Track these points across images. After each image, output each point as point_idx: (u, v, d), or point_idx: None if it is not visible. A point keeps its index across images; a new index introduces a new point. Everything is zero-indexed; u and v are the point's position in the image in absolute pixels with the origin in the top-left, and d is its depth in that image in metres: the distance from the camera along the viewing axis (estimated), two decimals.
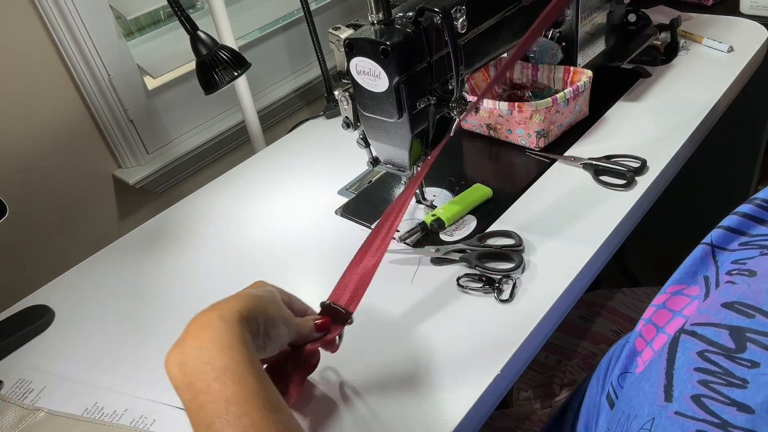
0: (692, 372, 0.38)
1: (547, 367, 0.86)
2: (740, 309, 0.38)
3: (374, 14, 0.61)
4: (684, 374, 0.39)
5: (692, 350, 0.39)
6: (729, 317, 0.39)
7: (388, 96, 0.63)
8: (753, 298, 0.38)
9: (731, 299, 0.40)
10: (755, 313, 0.37)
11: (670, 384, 0.39)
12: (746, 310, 0.38)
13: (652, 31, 1.02)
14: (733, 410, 0.34)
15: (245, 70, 0.90)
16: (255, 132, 1.15)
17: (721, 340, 0.38)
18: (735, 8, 1.16)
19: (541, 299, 0.64)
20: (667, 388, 0.39)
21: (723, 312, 0.39)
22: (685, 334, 0.41)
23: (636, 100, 0.94)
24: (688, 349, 0.40)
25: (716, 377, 0.36)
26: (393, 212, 0.59)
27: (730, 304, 0.39)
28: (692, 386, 0.37)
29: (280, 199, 0.91)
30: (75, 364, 0.69)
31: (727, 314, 0.39)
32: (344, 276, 0.59)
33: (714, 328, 0.39)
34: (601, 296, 0.93)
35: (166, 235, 0.88)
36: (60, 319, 0.77)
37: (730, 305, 0.39)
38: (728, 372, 0.36)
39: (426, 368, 0.59)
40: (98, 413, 0.62)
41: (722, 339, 0.38)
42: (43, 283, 0.83)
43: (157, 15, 1.15)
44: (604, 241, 0.70)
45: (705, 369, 0.38)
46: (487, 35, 0.72)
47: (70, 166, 1.03)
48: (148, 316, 0.74)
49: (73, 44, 0.96)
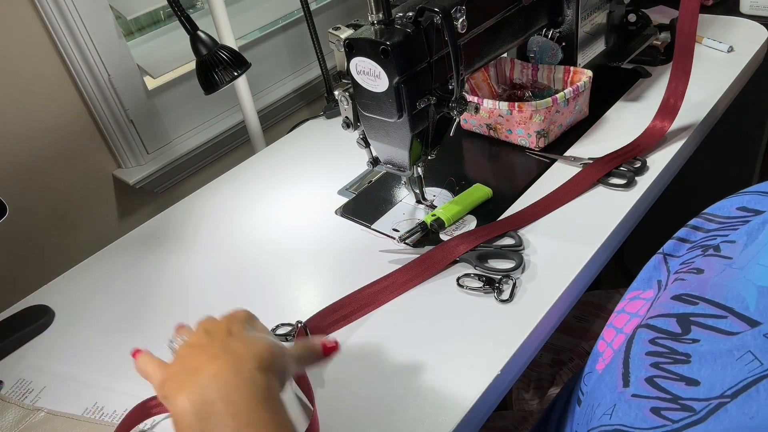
0: (644, 356, 0.41)
1: (546, 367, 0.86)
2: (686, 299, 0.42)
3: (374, 14, 0.61)
4: (638, 360, 0.42)
5: (645, 339, 0.42)
6: (677, 307, 0.42)
7: (388, 96, 0.63)
8: (698, 290, 0.42)
9: (679, 292, 0.43)
10: (698, 301, 0.41)
11: (627, 372, 0.42)
12: (691, 300, 0.42)
13: (652, 31, 1.02)
14: (682, 385, 0.37)
15: (245, 70, 0.90)
16: (255, 132, 1.15)
17: (669, 327, 0.41)
18: (735, 8, 1.16)
19: (541, 299, 0.64)
20: (625, 375, 0.42)
21: (672, 303, 0.43)
22: (640, 327, 0.44)
23: (636, 100, 0.94)
24: (642, 339, 0.43)
25: (664, 357, 0.40)
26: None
27: (679, 296, 0.43)
28: (646, 369, 0.40)
29: (280, 199, 0.91)
30: (75, 364, 0.69)
31: (675, 305, 0.42)
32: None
33: (664, 318, 0.42)
34: (600, 297, 0.93)
35: (166, 235, 0.88)
36: (60, 319, 0.77)
37: (678, 297, 0.43)
38: (673, 350, 0.39)
39: (426, 368, 0.59)
40: (98, 413, 0.62)
41: (671, 326, 0.41)
42: (43, 283, 0.83)
43: (157, 15, 1.15)
44: (604, 241, 0.70)
45: (654, 352, 0.41)
46: (487, 35, 0.72)
47: (70, 166, 1.03)
48: (148, 316, 0.74)
49: (73, 44, 0.96)
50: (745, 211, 0.49)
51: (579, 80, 0.88)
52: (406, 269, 0.70)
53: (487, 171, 0.88)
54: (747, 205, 0.49)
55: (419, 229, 0.75)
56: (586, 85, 0.87)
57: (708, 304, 0.40)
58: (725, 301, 0.39)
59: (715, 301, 0.39)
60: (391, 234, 0.77)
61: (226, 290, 0.76)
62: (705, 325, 0.39)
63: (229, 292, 0.75)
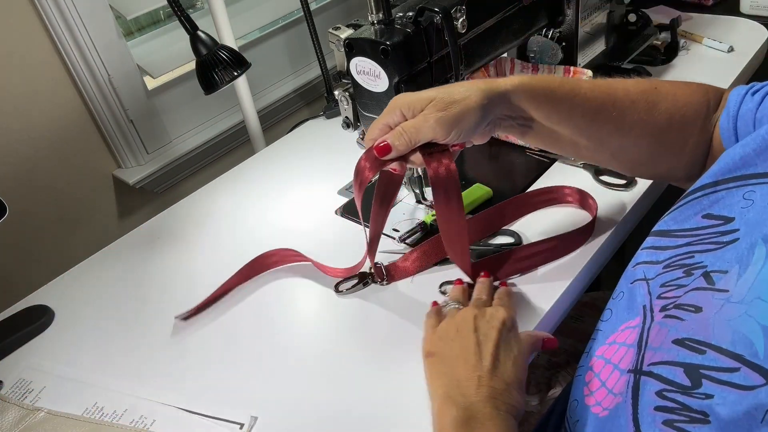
0: (654, 412, 0.39)
1: (543, 369, 0.86)
2: (691, 345, 0.40)
3: (374, 14, 0.61)
4: (647, 417, 0.40)
5: (652, 390, 0.40)
6: (681, 354, 0.40)
7: (388, 96, 0.63)
8: (701, 333, 0.40)
9: (681, 336, 0.41)
10: (706, 349, 0.39)
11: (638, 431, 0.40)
12: (697, 346, 0.39)
13: (652, 31, 1.02)
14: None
15: (245, 70, 0.90)
16: (255, 132, 1.15)
17: (677, 379, 0.39)
18: (735, 8, 1.16)
19: (541, 299, 0.64)
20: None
21: (675, 349, 0.41)
22: (644, 375, 0.42)
23: None
24: (649, 390, 0.41)
25: (676, 414, 0.37)
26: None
27: (681, 341, 0.41)
28: (659, 429, 0.38)
29: (280, 199, 0.91)
30: (75, 364, 0.69)
31: (680, 351, 0.40)
32: None
33: (669, 366, 0.40)
34: (597, 298, 0.93)
35: (166, 235, 0.88)
36: (60, 319, 0.77)
37: (681, 342, 0.41)
38: (686, 407, 0.37)
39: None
40: (98, 413, 0.62)
41: (678, 377, 0.39)
42: (43, 283, 0.83)
43: (157, 15, 1.15)
44: (604, 241, 0.70)
45: (664, 407, 0.39)
46: (487, 35, 0.72)
47: (70, 166, 1.03)
48: (148, 316, 0.74)
49: (73, 44, 0.96)
50: (711, 218, 0.47)
51: None
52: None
53: (487, 171, 0.88)
54: (711, 211, 0.47)
55: (419, 229, 0.75)
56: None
57: (716, 353, 0.38)
58: (733, 347, 0.37)
59: (723, 348, 0.37)
60: (391, 234, 0.77)
61: None
62: (718, 380, 0.37)
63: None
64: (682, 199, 0.52)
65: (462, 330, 0.55)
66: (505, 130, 0.61)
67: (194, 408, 0.60)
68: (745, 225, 0.44)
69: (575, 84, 0.58)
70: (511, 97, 0.56)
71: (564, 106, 0.57)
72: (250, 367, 0.64)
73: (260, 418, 0.58)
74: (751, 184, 0.45)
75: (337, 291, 0.70)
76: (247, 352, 0.66)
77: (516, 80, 0.56)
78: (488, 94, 0.55)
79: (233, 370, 0.64)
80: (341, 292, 0.70)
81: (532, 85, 0.56)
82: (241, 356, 0.65)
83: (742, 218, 0.44)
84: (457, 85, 0.56)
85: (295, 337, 0.66)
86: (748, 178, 0.46)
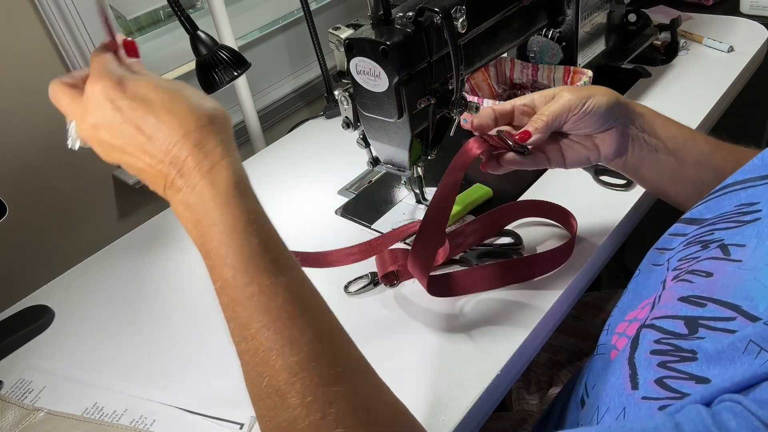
0: (650, 356, 0.40)
1: (544, 368, 0.86)
2: (694, 301, 0.41)
3: (374, 14, 0.61)
4: (644, 360, 0.41)
5: (650, 339, 0.41)
6: (684, 309, 0.41)
7: (388, 96, 0.63)
8: (707, 291, 0.41)
9: (687, 294, 0.42)
10: (707, 302, 0.40)
11: (634, 372, 0.41)
12: (699, 301, 0.40)
13: (652, 31, 1.02)
14: (692, 383, 0.36)
15: (245, 70, 0.90)
16: (255, 132, 1.15)
17: (677, 329, 0.40)
18: (735, 8, 1.16)
19: (541, 299, 0.64)
20: (632, 376, 0.41)
21: (679, 305, 0.42)
22: (645, 327, 0.43)
23: (636, 100, 0.94)
24: (647, 339, 0.42)
25: (669, 355, 0.39)
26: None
27: (686, 298, 0.42)
28: (654, 371, 0.39)
29: (280, 199, 0.91)
30: (75, 364, 0.69)
31: (683, 306, 0.41)
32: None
33: (671, 319, 0.41)
34: (598, 297, 0.93)
35: (166, 235, 0.88)
36: (60, 319, 0.77)
37: (686, 299, 0.42)
38: (678, 348, 0.38)
39: (426, 367, 0.59)
40: (98, 413, 0.62)
41: (678, 328, 0.40)
42: (43, 283, 0.83)
43: (157, 15, 1.15)
44: (604, 241, 0.70)
45: (659, 350, 0.40)
46: (487, 35, 0.72)
47: (69, 166, 1.03)
48: (148, 316, 0.74)
49: (73, 44, 0.96)
50: (741, 205, 0.48)
51: (579, 80, 0.88)
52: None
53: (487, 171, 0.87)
54: (744, 201, 0.48)
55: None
56: (587, 84, 0.87)
57: (716, 305, 0.39)
58: (733, 299, 0.38)
59: (722, 300, 0.39)
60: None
61: None
62: (713, 327, 0.38)
63: None
64: (718, 191, 0.52)
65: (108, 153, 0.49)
66: (638, 147, 0.62)
67: (194, 408, 0.60)
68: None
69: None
70: (641, 114, 0.62)
71: (685, 131, 0.62)
72: None
73: None
74: None
75: (347, 291, 0.70)
76: None
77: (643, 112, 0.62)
78: (619, 97, 0.60)
79: (234, 370, 0.64)
80: (350, 292, 0.70)
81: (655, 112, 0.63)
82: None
83: (767, 201, 0.45)
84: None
85: None
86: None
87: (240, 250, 0.41)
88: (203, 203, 0.42)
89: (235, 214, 0.41)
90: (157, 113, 0.43)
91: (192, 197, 0.42)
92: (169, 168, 0.43)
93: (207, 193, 0.42)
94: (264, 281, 0.40)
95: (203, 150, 0.42)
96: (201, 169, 0.42)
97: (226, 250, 0.41)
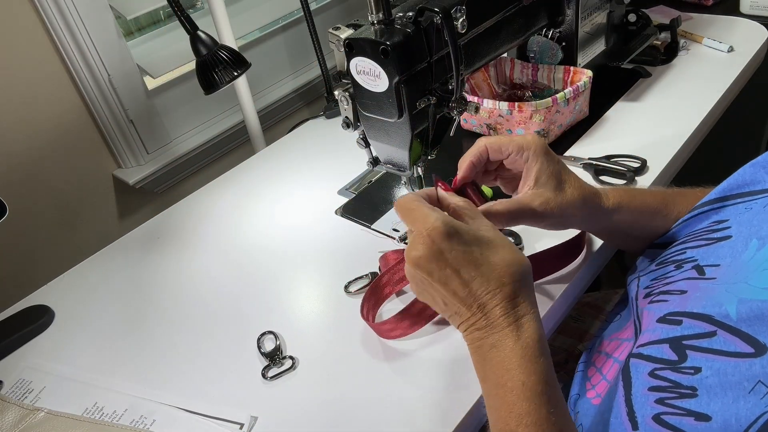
0: (647, 393, 0.40)
1: None
2: (670, 319, 0.41)
3: (374, 14, 0.61)
4: (641, 397, 0.40)
5: (644, 372, 0.41)
6: (664, 330, 0.41)
7: (388, 96, 0.63)
8: (680, 306, 0.41)
9: (663, 313, 0.42)
10: (681, 318, 0.40)
11: (631, 411, 0.41)
12: (674, 318, 0.41)
13: (652, 31, 1.02)
14: (691, 420, 0.35)
15: (245, 70, 0.90)
16: (255, 132, 1.15)
17: (665, 355, 0.40)
18: (735, 8, 1.16)
19: (541, 299, 0.64)
20: (630, 415, 0.41)
21: (659, 328, 0.42)
22: (633, 357, 0.43)
23: (636, 100, 0.94)
24: (640, 372, 0.42)
25: (668, 392, 0.38)
26: None
27: (663, 318, 0.42)
28: (651, 407, 0.39)
29: (280, 199, 0.91)
30: (75, 364, 0.69)
31: (663, 328, 0.42)
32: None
33: (655, 345, 0.41)
34: (597, 298, 0.93)
35: (166, 235, 0.88)
36: (60, 319, 0.77)
37: (663, 318, 0.42)
38: (676, 384, 0.38)
39: (425, 368, 0.59)
40: (98, 413, 0.62)
41: (665, 353, 0.40)
42: (43, 283, 0.83)
43: (157, 15, 1.15)
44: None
45: (657, 387, 0.39)
46: (487, 35, 0.72)
47: (70, 166, 1.03)
48: (148, 315, 0.74)
49: (73, 44, 0.96)
50: (716, 223, 0.48)
51: (579, 80, 0.88)
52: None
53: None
54: (714, 219, 0.49)
55: None
56: (586, 85, 0.87)
57: (690, 319, 0.39)
58: (703, 309, 0.38)
59: (694, 312, 0.39)
60: (391, 234, 0.77)
61: (226, 289, 0.76)
62: (699, 348, 0.38)
63: (229, 291, 0.75)
64: (690, 213, 0.52)
65: (417, 285, 0.51)
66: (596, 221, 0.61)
67: (194, 408, 0.60)
68: (738, 225, 0.45)
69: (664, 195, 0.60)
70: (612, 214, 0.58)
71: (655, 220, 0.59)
72: (251, 367, 0.64)
73: (260, 418, 0.58)
74: (754, 200, 0.47)
75: (347, 291, 0.70)
76: (247, 351, 0.66)
77: (616, 200, 0.58)
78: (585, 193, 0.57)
79: (233, 370, 0.64)
80: (350, 292, 0.70)
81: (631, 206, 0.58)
82: (242, 356, 0.65)
83: (736, 219, 0.45)
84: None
85: (296, 337, 0.66)
86: (752, 195, 0.47)
87: (528, 408, 0.42)
88: (502, 350, 0.44)
89: (536, 373, 0.43)
90: (477, 265, 0.46)
91: (493, 340, 0.45)
92: (476, 311, 0.46)
93: (510, 344, 0.44)
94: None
95: (513, 302, 0.45)
96: (508, 319, 0.44)
97: (514, 400, 0.43)
